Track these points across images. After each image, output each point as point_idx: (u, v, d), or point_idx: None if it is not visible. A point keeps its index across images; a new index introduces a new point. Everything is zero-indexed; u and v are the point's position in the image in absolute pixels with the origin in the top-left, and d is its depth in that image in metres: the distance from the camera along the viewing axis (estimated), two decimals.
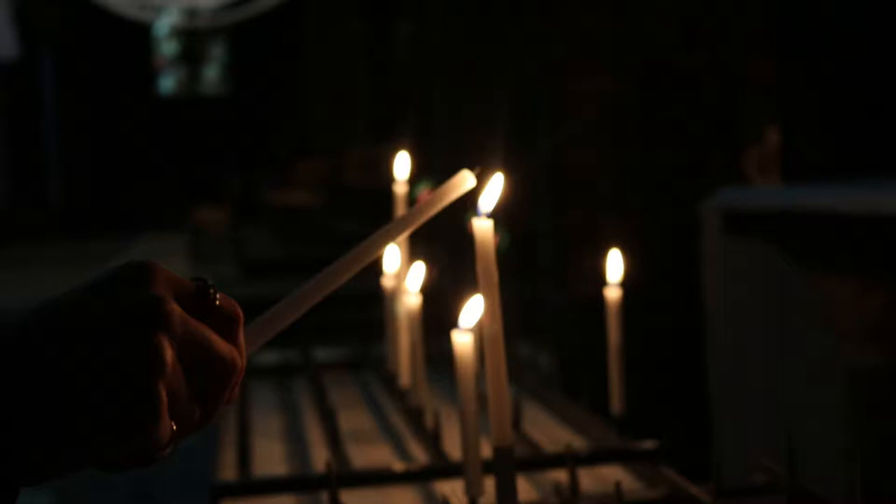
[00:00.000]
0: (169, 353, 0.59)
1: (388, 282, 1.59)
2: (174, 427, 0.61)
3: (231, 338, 0.65)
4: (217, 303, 0.65)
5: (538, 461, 1.30)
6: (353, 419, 1.62)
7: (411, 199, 1.55)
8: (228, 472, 1.37)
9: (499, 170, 0.83)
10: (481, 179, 0.82)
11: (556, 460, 1.26)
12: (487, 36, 4.40)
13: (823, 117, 3.04)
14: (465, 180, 0.78)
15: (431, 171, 4.68)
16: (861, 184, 2.52)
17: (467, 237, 0.87)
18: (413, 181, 1.55)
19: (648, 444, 1.29)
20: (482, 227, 0.82)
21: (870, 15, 2.98)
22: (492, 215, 0.83)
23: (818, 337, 2.42)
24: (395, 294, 1.56)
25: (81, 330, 0.58)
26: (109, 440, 0.58)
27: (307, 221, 9.94)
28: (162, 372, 0.58)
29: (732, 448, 2.64)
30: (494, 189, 0.82)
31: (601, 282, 1.30)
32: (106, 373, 0.57)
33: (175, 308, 0.60)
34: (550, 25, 3.51)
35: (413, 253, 1.51)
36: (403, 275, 1.47)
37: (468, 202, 0.84)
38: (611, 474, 1.29)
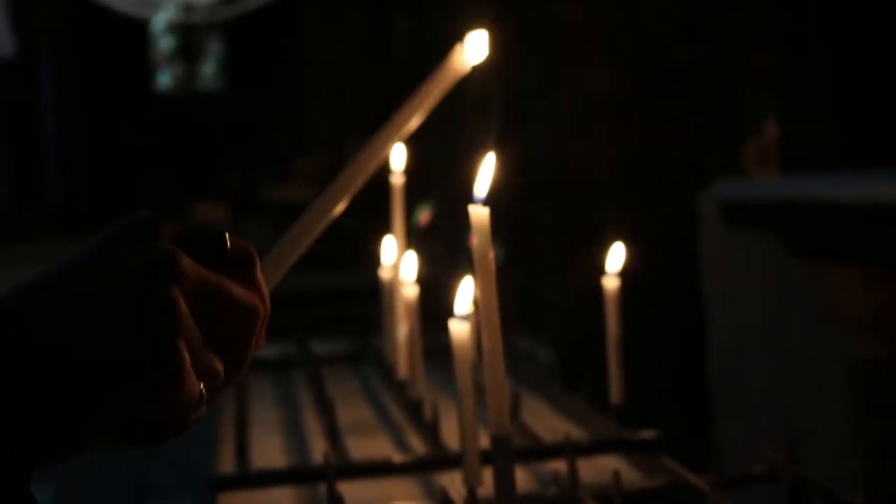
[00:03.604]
0: (183, 308, 0.56)
1: (385, 274, 1.58)
2: (202, 387, 0.58)
3: (249, 281, 0.62)
4: (229, 247, 0.62)
5: (537, 451, 1.29)
6: (351, 411, 1.62)
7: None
8: (227, 464, 1.36)
9: (490, 151, 0.82)
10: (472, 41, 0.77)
11: (556, 450, 1.26)
12: (484, 30, 4.39)
13: (823, 108, 3.04)
14: (462, 54, 0.72)
15: (429, 165, 4.66)
16: (861, 174, 2.52)
17: (463, 226, 0.86)
18: (410, 176, 1.54)
19: (647, 434, 1.29)
20: (478, 215, 0.82)
21: (870, 5, 2.97)
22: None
23: (818, 328, 2.42)
24: (392, 286, 1.56)
25: (89, 297, 0.56)
26: (133, 409, 0.56)
27: None
28: (178, 328, 0.56)
29: (732, 439, 2.64)
30: (487, 172, 0.81)
31: (600, 274, 1.29)
32: (119, 338, 0.55)
33: (184, 260, 0.57)
34: (548, 19, 3.50)
35: (410, 244, 1.51)
36: (400, 266, 1.47)
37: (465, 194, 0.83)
38: (610, 464, 1.28)
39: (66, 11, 13.81)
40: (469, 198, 0.84)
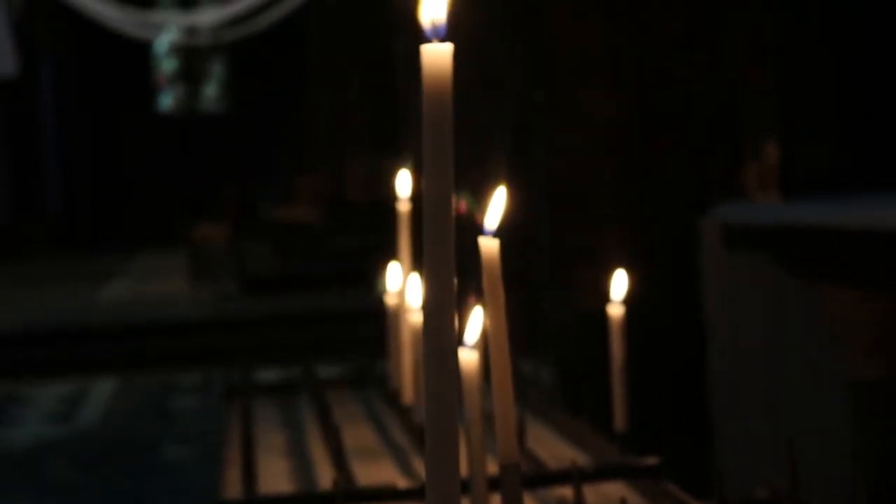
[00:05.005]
0: None
1: (390, 299, 1.59)
2: None
3: None
4: None
5: (543, 478, 1.30)
6: (356, 436, 1.62)
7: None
8: (233, 489, 1.37)
9: (501, 184, 0.84)
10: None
11: (562, 477, 1.27)
12: (486, 51, 4.42)
13: (823, 132, 3.05)
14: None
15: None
16: (860, 199, 2.53)
17: (470, 253, 0.88)
18: (415, 198, 1.56)
19: (651, 460, 1.30)
20: (488, 246, 0.83)
21: (869, 26, 2.99)
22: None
23: (819, 351, 2.42)
24: (397, 311, 1.57)
25: None
26: None
27: (307, 237, 9.96)
28: None
29: (734, 462, 2.65)
30: (498, 205, 0.83)
31: (601, 296, 1.31)
32: None
33: None
34: (548, 39, 3.52)
35: (416, 269, 1.52)
36: (406, 291, 1.48)
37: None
38: (614, 490, 1.29)
39: (68, 32, 13.87)
40: (474, 223, 0.86)
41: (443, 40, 0.57)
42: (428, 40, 0.57)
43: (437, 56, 0.57)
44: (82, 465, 4.60)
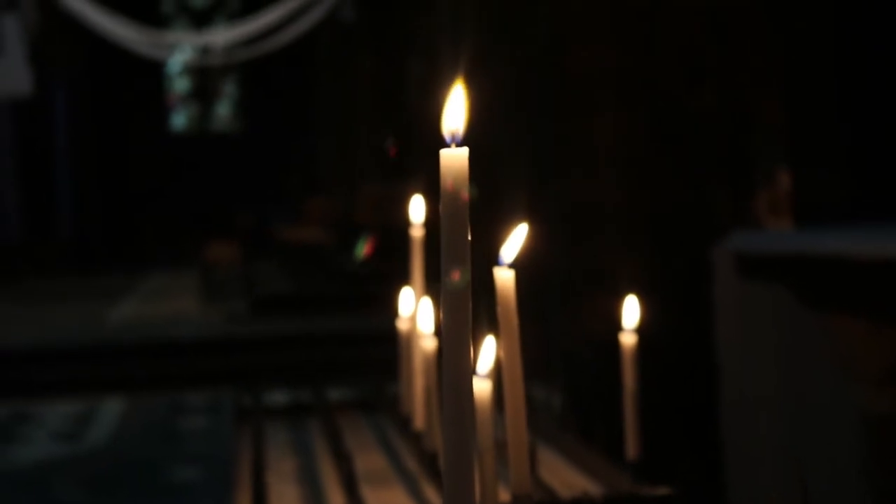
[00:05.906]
0: None
1: (402, 324, 1.59)
2: None
3: None
4: None
5: None
6: (367, 461, 1.62)
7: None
8: None
9: (522, 220, 0.84)
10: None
11: None
12: (495, 73, 4.43)
13: (833, 158, 3.05)
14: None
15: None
16: (874, 227, 2.53)
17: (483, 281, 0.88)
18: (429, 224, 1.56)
19: (662, 490, 1.29)
20: (503, 278, 0.83)
21: (878, 53, 2.99)
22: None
23: (832, 381, 2.41)
24: (409, 336, 1.57)
25: None
26: None
27: (317, 259, 9.97)
28: None
29: (745, 491, 2.63)
30: (517, 239, 0.83)
31: (613, 323, 1.30)
32: None
33: None
34: (558, 67, 3.53)
35: (428, 295, 1.52)
36: (418, 317, 1.48)
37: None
38: None
39: (81, 51, 13.94)
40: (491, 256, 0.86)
41: (460, 145, 0.60)
42: (446, 145, 0.62)
43: (455, 160, 0.61)
44: (90, 485, 4.60)
